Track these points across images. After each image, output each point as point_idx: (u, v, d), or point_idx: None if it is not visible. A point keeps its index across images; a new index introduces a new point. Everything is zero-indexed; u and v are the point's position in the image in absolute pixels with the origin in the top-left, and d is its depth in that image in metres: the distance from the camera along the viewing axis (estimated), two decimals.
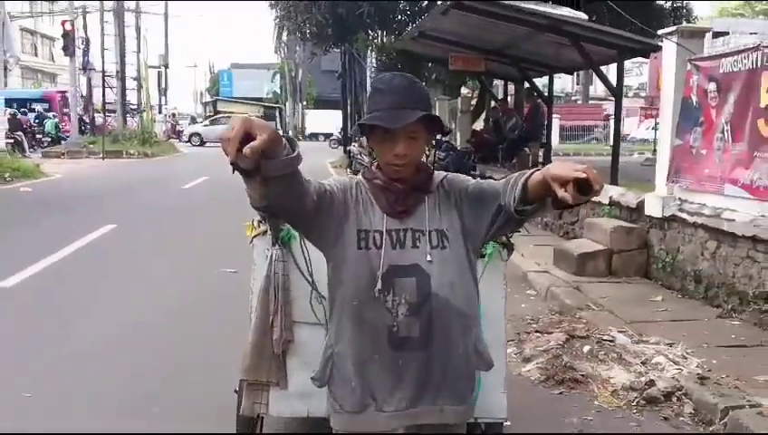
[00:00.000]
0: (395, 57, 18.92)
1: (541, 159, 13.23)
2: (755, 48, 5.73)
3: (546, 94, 13.92)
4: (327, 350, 2.07)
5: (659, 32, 7.17)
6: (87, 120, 32.29)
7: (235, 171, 1.66)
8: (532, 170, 1.79)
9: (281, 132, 1.72)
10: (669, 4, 17.45)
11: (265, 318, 2.86)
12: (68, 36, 26.89)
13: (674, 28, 6.89)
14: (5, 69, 23.93)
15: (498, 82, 20.81)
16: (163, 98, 42.10)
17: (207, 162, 22.10)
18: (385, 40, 18.67)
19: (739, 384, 4.27)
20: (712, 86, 6.27)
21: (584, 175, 1.63)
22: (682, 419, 4.09)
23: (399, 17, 18.17)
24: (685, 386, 4.31)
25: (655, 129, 20.17)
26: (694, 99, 6.57)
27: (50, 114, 30.51)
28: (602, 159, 16.72)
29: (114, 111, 32.00)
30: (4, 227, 10.15)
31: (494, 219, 1.93)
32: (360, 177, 2.07)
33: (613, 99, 11.05)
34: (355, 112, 26.73)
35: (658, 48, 8.35)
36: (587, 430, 3.95)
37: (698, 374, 4.44)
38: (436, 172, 2.07)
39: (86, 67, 31.36)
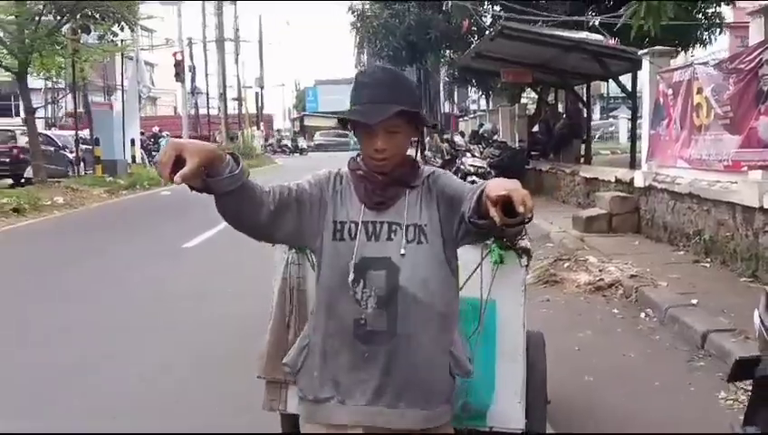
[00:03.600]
0: (462, 71, 21.81)
1: (582, 153, 15.77)
2: (690, 65, 8.32)
3: (585, 99, 16.49)
4: (303, 339, 2.08)
5: (639, 52, 9.75)
6: (196, 138, 36.63)
7: (192, 190, 1.70)
8: (486, 183, 1.72)
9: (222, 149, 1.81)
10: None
11: (282, 319, 2.92)
12: (179, 65, 31.09)
13: (647, 50, 9.48)
14: (140, 98, 28.09)
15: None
16: (260, 115, 46.38)
17: (302, 169, 25.51)
18: (453, 57, 21.53)
19: (654, 279, 6.92)
20: (669, 91, 8.85)
21: (505, 195, 1.55)
22: (615, 298, 6.77)
23: (465, 36, 21.06)
24: (621, 280, 6.99)
25: None
26: (661, 100, 9.16)
27: (163, 134, 34.89)
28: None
29: (218, 130, 36.21)
30: (173, 213, 13.82)
31: (459, 226, 1.89)
32: (344, 168, 2.04)
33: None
34: (431, 119, 29.63)
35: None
36: (552, 306, 6.69)
37: (631, 274, 7.11)
38: (424, 167, 2.04)
39: (194, 91, 35.62)
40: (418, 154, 2.06)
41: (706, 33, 15.92)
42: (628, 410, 4.11)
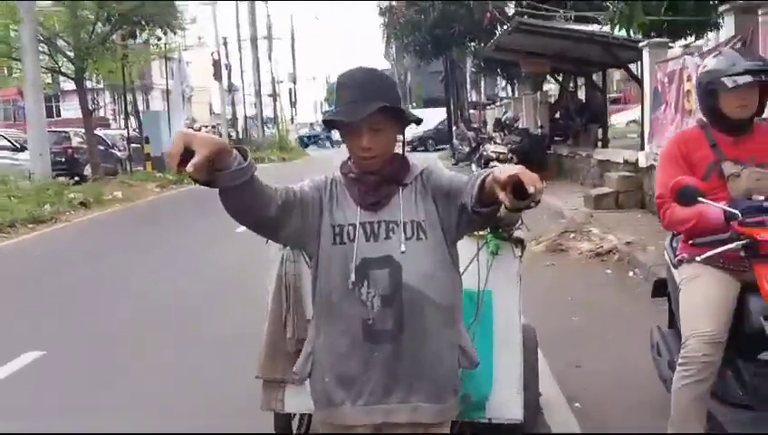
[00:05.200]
0: (487, 62, 22.85)
1: (600, 137, 16.76)
2: (681, 55, 9.35)
3: (601, 86, 17.46)
4: (308, 345, 2.07)
5: (640, 44, 10.77)
6: (233, 133, 38.22)
7: (197, 183, 1.69)
8: (488, 171, 1.75)
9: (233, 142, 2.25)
10: None
11: (278, 317, 2.90)
12: (216, 64, 32.60)
13: (647, 42, 10.49)
14: (184, 98, 29.67)
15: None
16: (294, 110, 47.93)
17: (331, 160, 26.81)
18: (476, 48, 22.59)
19: (646, 245, 8.00)
20: (665, 79, 9.87)
21: (515, 176, 1.59)
22: (612, 263, 7.87)
23: (489, 28, 22.12)
24: (618, 247, 8.09)
25: None
26: (659, 87, 10.18)
27: (202, 130, 36.47)
28: None
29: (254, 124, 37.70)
30: (220, 203, 15.04)
31: (460, 217, 1.91)
32: (338, 172, 2.04)
33: None
34: (457, 109, 30.73)
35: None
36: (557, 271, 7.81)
37: (626, 242, 8.20)
38: (415, 163, 2.03)
39: (231, 88, 37.15)
40: (404, 150, 2.07)
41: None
42: (600, 335, 5.26)
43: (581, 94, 19.96)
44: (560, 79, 20.51)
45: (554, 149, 17.65)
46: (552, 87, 25.04)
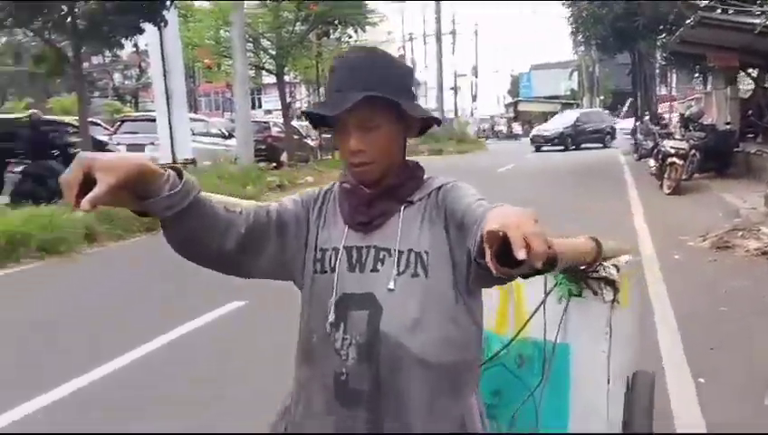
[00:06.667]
0: (675, 55, 22.07)
1: None
2: None
3: None
4: (286, 398, 1.63)
5: None
6: None
7: (138, 214, 1.37)
8: (494, 206, 1.29)
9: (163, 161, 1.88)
10: None
11: None
12: (402, 59, 33.99)
13: None
14: None
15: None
16: (474, 103, 48.67)
17: (512, 154, 27.26)
18: (664, 41, 21.89)
19: None
20: None
21: (496, 231, 1.08)
22: None
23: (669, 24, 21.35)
24: None
25: None
26: None
27: None
28: None
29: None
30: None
31: (469, 265, 1.42)
32: (337, 182, 1.61)
33: None
34: (644, 103, 29.79)
35: None
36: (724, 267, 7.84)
37: None
38: (432, 177, 1.57)
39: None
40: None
41: None
42: (743, 326, 5.42)
43: None
44: (754, 75, 19.42)
45: (743, 147, 16.84)
46: (746, 83, 23.65)
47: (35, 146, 12.55)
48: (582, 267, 2.03)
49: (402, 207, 1.53)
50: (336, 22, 22.13)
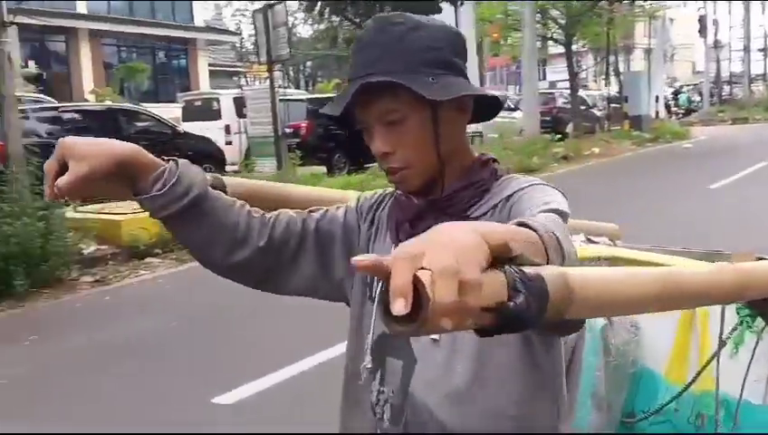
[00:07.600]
0: None
1: None
2: None
3: None
4: None
5: None
6: (715, 93, 36.44)
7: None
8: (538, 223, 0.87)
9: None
10: None
11: None
12: (702, 20, 32.08)
13: None
14: (665, 57, 29.89)
15: None
16: None
17: None
18: None
19: None
20: None
21: (382, 263, 0.67)
22: None
23: None
24: None
25: None
26: None
27: (683, 89, 35.89)
28: None
29: (739, 83, 36.47)
30: (694, 163, 15.48)
31: None
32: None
33: None
34: None
35: None
36: None
37: None
38: (509, 177, 1.14)
39: (716, 45, 35.75)
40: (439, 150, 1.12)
41: None
42: None
43: None
44: None
45: None
46: None
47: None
48: None
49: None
50: None
